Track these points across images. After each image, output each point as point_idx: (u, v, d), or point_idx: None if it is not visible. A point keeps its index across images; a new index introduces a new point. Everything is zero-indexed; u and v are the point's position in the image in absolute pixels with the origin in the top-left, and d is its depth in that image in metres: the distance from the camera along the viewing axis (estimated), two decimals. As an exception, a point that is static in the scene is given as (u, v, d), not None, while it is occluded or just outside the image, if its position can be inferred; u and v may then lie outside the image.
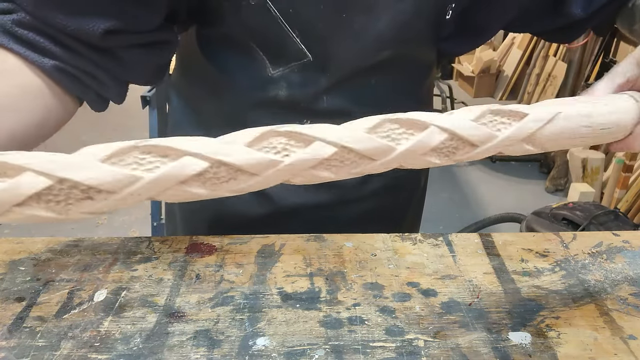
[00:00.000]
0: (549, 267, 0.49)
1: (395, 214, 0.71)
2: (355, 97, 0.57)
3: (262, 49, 0.54)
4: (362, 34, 0.53)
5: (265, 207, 0.63)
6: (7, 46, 0.43)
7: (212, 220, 0.65)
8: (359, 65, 0.56)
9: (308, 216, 0.63)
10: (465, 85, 3.88)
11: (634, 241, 0.53)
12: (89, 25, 0.44)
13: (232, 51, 0.56)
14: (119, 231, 2.13)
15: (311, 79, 0.55)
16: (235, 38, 0.54)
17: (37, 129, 0.46)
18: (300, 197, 0.62)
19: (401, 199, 0.70)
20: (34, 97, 0.45)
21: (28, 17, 0.43)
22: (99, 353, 0.39)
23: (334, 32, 0.52)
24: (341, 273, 0.48)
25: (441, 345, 0.40)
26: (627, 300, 0.45)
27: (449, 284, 0.47)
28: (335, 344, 0.40)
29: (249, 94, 0.57)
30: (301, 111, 0.57)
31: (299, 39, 0.52)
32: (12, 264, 0.48)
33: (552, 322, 0.43)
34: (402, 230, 0.71)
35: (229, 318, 0.42)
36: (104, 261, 0.48)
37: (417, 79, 0.63)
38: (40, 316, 0.42)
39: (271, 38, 0.53)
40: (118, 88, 0.50)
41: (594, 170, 2.32)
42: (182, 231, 0.70)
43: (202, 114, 0.63)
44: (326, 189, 0.62)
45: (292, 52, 0.53)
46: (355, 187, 0.64)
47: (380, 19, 0.53)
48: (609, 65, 2.82)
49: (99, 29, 0.44)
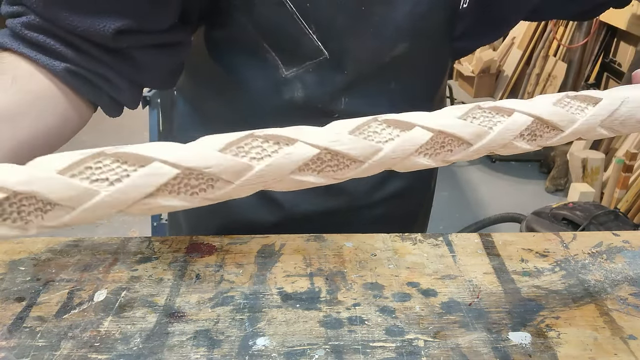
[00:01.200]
0: (549, 267, 0.49)
1: (406, 219, 0.70)
2: (373, 99, 0.56)
3: (275, 48, 0.53)
4: (380, 26, 0.52)
5: (275, 214, 0.62)
6: (18, 50, 0.43)
7: (219, 229, 0.64)
8: (376, 61, 0.55)
9: (319, 223, 0.61)
10: (465, 85, 3.88)
11: (634, 241, 0.53)
12: (99, 25, 0.43)
13: (242, 52, 0.55)
14: (119, 231, 2.13)
15: (327, 78, 0.54)
16: (245, 38, 0.53)
17: (52, 137, 0.45)
18: (311, 204, 0.61)
19: (412, 204, 0.70)
20: (48, 104, 0.44)
21: (37, 19, 0.42)
22: (99, 353, 0.39)
23: (353, 26, 0.51)
24: (341, 273, 0.48)
25: (441, 345, 0.40)
26: (627, 300, 0.45)
27: (449, 284, 0.47)
28: (335, 344, 0.40)
29: (263, 97, 0.56)
30: (319, 114, 0.56)
31: (315, 36, 0.51)
32: (12, 264, 0.48)
33: (552, 322, 0.43)
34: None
35: (229, 318, 0.42)
36: (104, 261, 0.48)
37: (433, 81, 0.62)
38: (40, 316, 0.42)
39: (285, 36, 0.51)
40: (132, 91, 0.49)
41: (594, 170, 2.32)
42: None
43: (211, 120, 0.61)
44: (337, 195, 0.61)
45: (307, 51, 0.52)
46: (367, 193, 0.63)
47: (398, 10, 0.52)
48: (608, 65, 2.83)
49: (110, 29, 0.43)
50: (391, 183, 0.64)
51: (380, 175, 0.63)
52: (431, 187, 0.73)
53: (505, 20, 0.60)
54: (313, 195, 0.61)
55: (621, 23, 2.54)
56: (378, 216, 0.65)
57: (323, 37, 0.51)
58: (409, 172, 0.69)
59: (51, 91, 0.44)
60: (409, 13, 0.52)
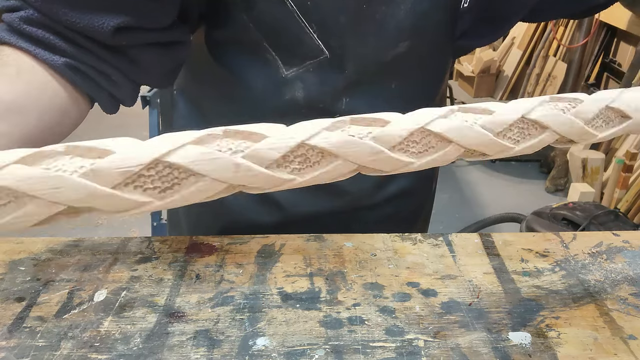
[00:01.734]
0: (549, 267, 0.49)
1: (408, 220, 0.70)
2: (374, 99, 0.56)
3: (275, 48, 0.52)
4: (382, 25, 0.52)
5: (275, 215, 0.61)
6: (17, 44, 0.42)
7: (220, 230, 0.64)
8: (377, 60, 0.54)
9: (319, 224, 0.61)
10: (465, 85, 3.88)
11: (634, 241, 0.53)
12: (98, 22, 0.42)
13: (243, 52, 0.54)
14: (119, 231, 2.13)
15: (328, 77, 0.54)
16: (246, 37, 0.53)
17: (55, 130, 0.45)
18: (311, 205, 0.61)
19: (413, 205, 0.70)
20: (51, 97, 0.44)
21: (36, 14, 0.42)
22: (99, 353, 0.39)
23: (354, 25, 0.51)
24: (341, 273, 0.48)
25: (441, 345, 0.40)
26: (627, 300, 0.45)
27: (449, 284, 0.47)
28: (335, 344, 0.40)
29: (263, 97, 0.56)
30: (320, 114, 0.55)
31: (316, 35, 0.51)
32: (12, 264, 0.48)
33: (552, 322, 0.43)
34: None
35: (229, 318, 0.42)
36: (104, 261, 0.48)
37: (434, 80, 0.62)
38: (40, 316, 0.42)
39: (286, 35, 0.51)
40: (130, 88, 0.49)
41: (594, 170, 2.32)
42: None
43: (211, 120, 0.61)
44: (338, 196, 0.61)
45: (308, 50, 0.52)
46: (368, 194, 0.63)
47: (399, 8, 0.52)
48: (609, 65, 2.83)
49: (109, 26, 0.43)
50: (393, 184, 0.64)
51: (383, 176, 0.63)
52: (432, 189, 0.73)
53: (505, 19, 0.60)
54: (314, 196, 0.60)
55: (621, 23, 2.54)
56: (379, 217, 0.65)
57: (324, 36, 0.51)
58: (412, 173, 0.70)
59: (52, 85, 0.44)
60: (410, 11, 0.52)
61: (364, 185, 0.62)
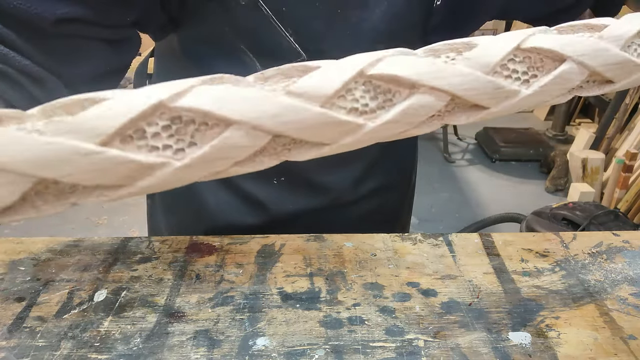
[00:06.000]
0: (549, 267, 0.49)
1: (390, 214, 0.71)
2: None
3: (252, 50, 0.52)
4: (357, 28, 0.52)
5: (260, 216, 0.61)
6: None
7: (202, 234, 0.63)
8: None
9: (304, 222, 0.61)
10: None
11: (634, 241, 0.53)
12: (46, 7, 0.39)
13: (220, 55, 0.54)
14: (119, 231, 2.13)
15: None
16: (221, 39, 0.52)
17: None
18: (294, 204, 0.61)
19: (395, 198, 0.71)
20: None
21: None
22: (99, 353, 0.39)
23: (330, 29, 0.52)
24: (341, 273, 0.48)
25: (441, 345, 0.40)
26: (627, 300, 0.45)
27: (449, 284, 0.47)
28: (335, 344, 0.40)
29: None
30: None
31: (293, 38, 0.51)
32: (12, 264, 0.48)
33: (552, 322, 0.43)
34: (395, 230, 0.71)
35: (229, 318, 0.42)
36: (104, 261, 0.48)
37: None
38: (40, 316, 0.42)
39: (262, 38, 0.51)
40: (56, 90, 0.43)
41: (594, 170, 2.32)
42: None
43: None
44: (321, 193, 0.62)
45: (285, 53, 0.52)
46: (350, 189, 0.63)
47: (374, 12, 0.52)
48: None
49: (53, 15, 0.39)
50: (373, 178, 0.64)
51: (361, 170, 0.63)
52: (412, 181, 0.74)
53: (476, 16, 0.61)
54: (296, 195, 0.61)
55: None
56: (363, 212, 0.66)
57: (300, 39, 0.52)
58: (390, 166, 0.71)
59: None
60: (384, 13, 0.53)
61: (344, 182, 0.62)
